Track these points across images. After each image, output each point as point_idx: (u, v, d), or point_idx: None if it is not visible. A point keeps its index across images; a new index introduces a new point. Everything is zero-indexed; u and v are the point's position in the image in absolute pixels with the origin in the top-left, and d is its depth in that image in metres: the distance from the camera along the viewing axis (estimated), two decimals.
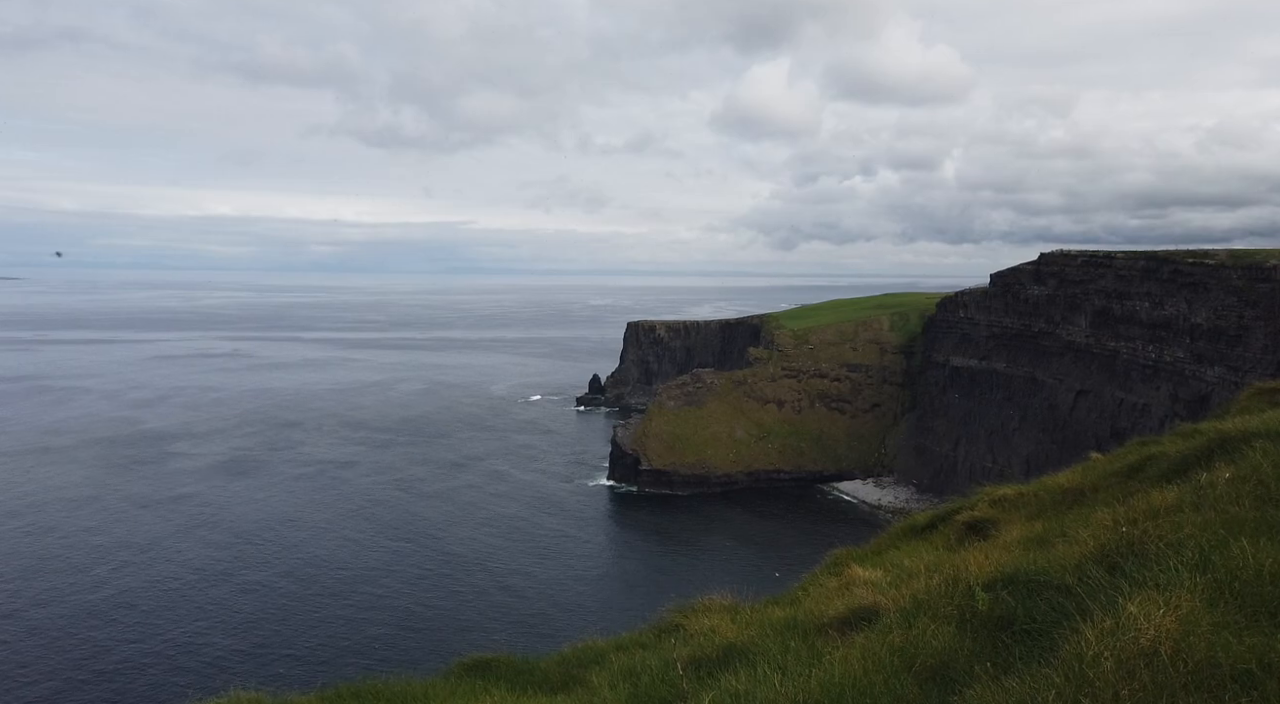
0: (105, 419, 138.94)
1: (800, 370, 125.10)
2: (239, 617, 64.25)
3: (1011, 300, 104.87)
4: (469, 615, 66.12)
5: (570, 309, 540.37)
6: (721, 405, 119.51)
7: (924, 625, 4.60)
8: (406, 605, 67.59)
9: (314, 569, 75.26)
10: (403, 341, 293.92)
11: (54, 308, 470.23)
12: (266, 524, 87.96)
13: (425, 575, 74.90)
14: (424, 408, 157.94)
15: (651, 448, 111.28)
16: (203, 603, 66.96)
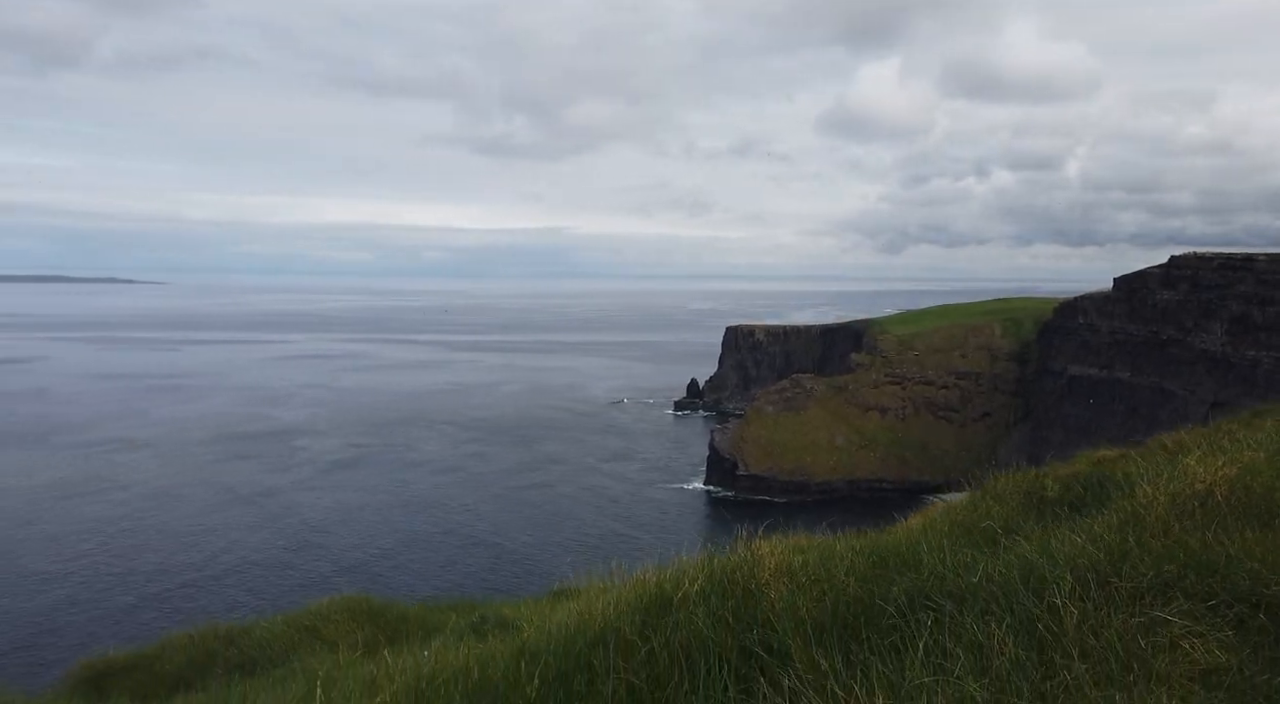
0: (237, 415, 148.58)
1: (905, 377, 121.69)
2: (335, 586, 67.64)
3: (1137, 305, 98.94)
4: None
5: (670, 313, 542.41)
6: (822, 411, 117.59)
7: (988, 505, 4.79)
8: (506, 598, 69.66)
9: (417, 553, 78.48)
10: (507, 344, 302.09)
11: (193, 310, 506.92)
12: (380, 514, 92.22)
13: (527, 568, 76.95)
14: (527, 409, 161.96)
15: (749, 453, 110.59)
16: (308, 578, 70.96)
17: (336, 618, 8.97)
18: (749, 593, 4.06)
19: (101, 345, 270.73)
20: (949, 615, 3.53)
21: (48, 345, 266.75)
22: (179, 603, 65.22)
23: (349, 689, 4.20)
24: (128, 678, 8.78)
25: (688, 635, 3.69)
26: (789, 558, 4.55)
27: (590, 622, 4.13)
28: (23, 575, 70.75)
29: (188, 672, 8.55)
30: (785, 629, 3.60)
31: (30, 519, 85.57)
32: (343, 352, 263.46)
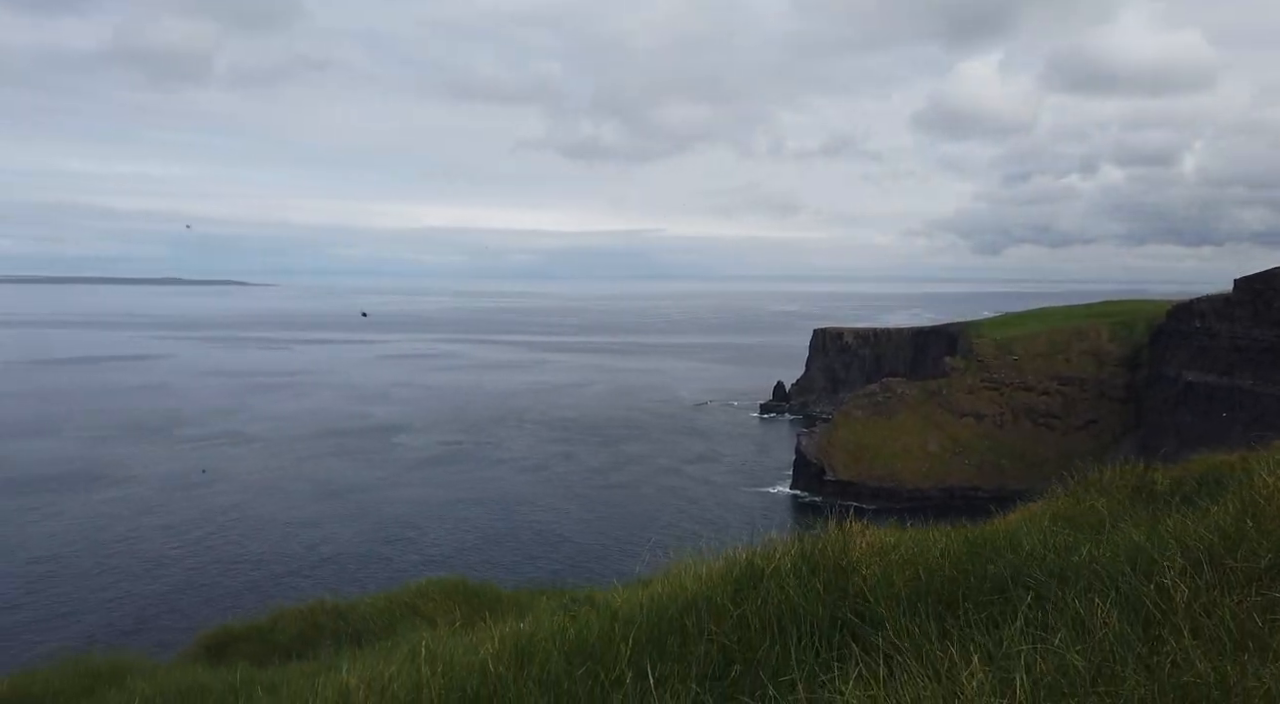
0: (337, 411, 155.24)
1: (1003, 382, 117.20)
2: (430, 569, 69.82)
3: (1262, 308, 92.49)
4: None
5: (755, 315, 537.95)
6: (913, 416, 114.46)
7: (1093, 499, 4.66)
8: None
9: (502, 547, 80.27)
10: (594, 345, 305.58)
11: (299, 311, 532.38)
12: (467, 509, 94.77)
13: (607, 565, 77.68)
14: (613, 409, 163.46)
15: (837, 458, 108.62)
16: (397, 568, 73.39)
17: (435, 596, 9.39)
18: (840, 569, 4.09)
19: (217, 344, 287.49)
20: (1051, 592, 3.49)
21: (169, 344, 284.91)
22: (281, 588, 68.60)
23: (452, 650, 4.43)
24: (245, 646, 9.40)
25: (779, 604, 3.75)
26: (880, 538, 4.55)
27: (682, 591, 4.24)
28: (143, 560, 75.78)
29: (298, 642, 9.08)
30: (878, 600, 3.63)
31: (150, 508, 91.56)
32: (436, 351, 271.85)
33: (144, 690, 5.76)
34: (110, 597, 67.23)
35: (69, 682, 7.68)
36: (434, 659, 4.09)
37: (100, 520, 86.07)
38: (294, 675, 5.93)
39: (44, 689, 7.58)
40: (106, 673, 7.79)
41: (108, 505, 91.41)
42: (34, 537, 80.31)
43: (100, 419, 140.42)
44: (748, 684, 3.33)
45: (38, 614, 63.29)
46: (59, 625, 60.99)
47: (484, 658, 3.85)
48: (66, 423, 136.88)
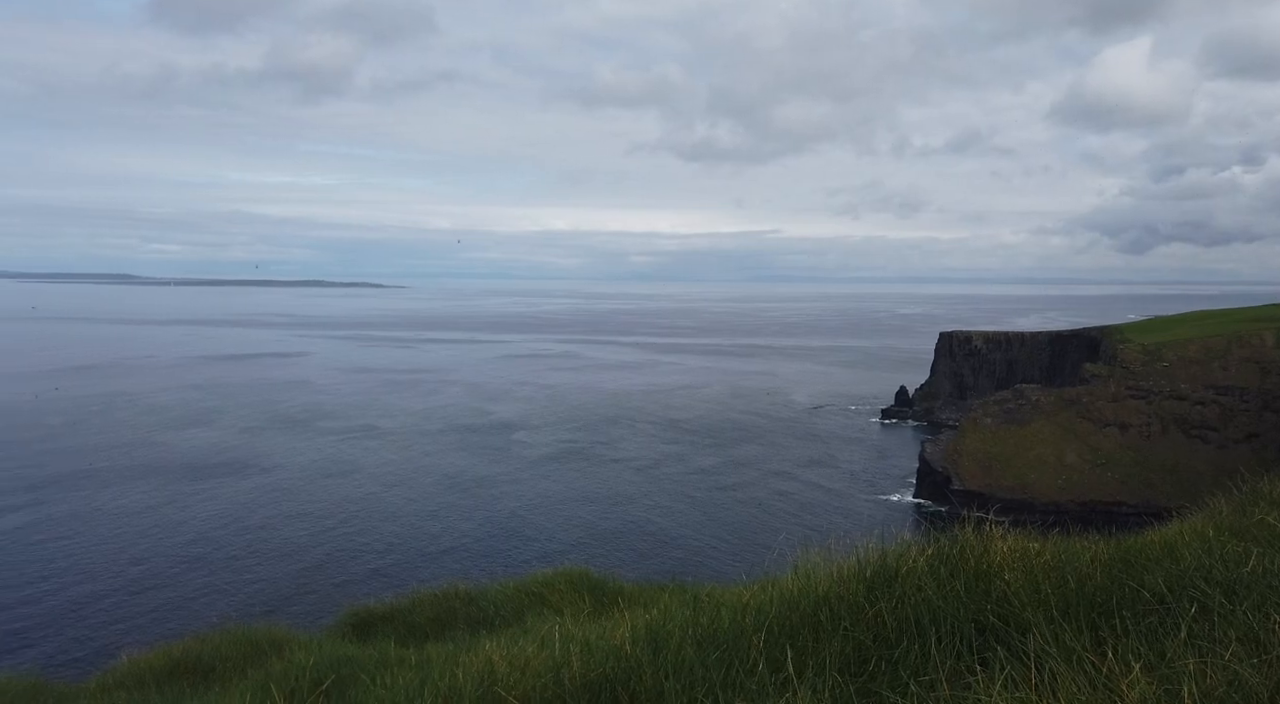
0: (464, 408, 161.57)
1: (1151, 391, 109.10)
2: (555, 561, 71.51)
3: None
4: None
5: (877, 318, 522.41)
6: (1049, 426, 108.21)
7: (1263, 512, 4.31)
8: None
9: (611, 546, 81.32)
10: (710, 347, 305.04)
11: (430, 312, 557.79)
12: (579, 507, 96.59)
13: (716, 567, 77.41)
14: (728, 412, 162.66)
15: (965, 467, 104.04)
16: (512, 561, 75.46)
17: (560, 587, 9.69)
18: (980, 573, 3.97)
19: (354, 342, 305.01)
20: (1217, 605, 3.27)
21: (311, 342, 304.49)
22: (405, 575, 72.01)
23: (587, 634, 4.58)
24: (387, 625, 9.99)
25: (917, 604, 3.68)
26: (1022, 544, 4.38)
27: (813, 588, 4.22)
28: (283, 543, 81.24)
29: (435, 624, 9.57)
30: (1024, 605, 3.50)
31: (291, 495, 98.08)
32: (555, 351, 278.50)
33: (303, 660, 6.23)
34: (254, 577, 72.56)
35: (235, 649, 8.41)
36: (570, 641, 4.24)
37: (247, 506, 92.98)
38: (437, 653, 6.27)
39: (214, 655, 8.34)
40: (267, 643, 8.49)
41: (254, 492, 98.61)
42: (191, 519, 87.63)
43: (251, 412, 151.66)
44: (887, 681, 3.29)
45: (194, 589, 69.06)
46: (213, 600, 66.31)
47: (620, 642, 3.97)
48: (223, 414, 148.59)
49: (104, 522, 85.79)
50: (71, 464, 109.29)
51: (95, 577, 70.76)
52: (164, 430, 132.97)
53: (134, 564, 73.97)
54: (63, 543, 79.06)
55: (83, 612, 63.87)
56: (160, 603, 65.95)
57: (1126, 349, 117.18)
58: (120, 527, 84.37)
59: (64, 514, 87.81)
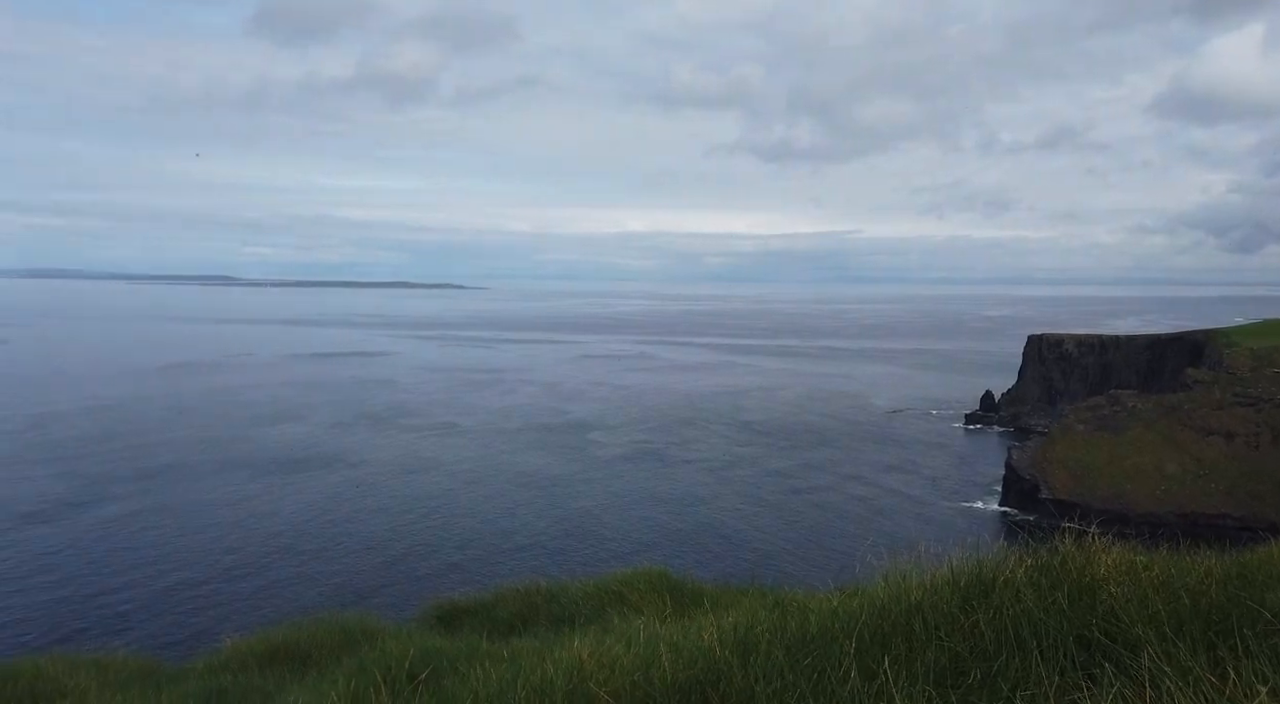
0: (541, 408, 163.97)
1: (1260, 398, 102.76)
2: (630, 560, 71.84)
3: None
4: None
5: (962, 320, 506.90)
6: (1147, 434, 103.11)
7: None
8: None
9: (681, 547, 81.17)
10: (786, 349, 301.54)
11: (509, 313, 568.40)
12: (650, 508, 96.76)
13: (785, 572, 76.42)
14: (805, 414, 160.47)
15: (1055, 475, 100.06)
16: (583, 559, 76.03)
17: (640, 586, 9.74)
18: (1084, 586, 3.81)
19: (437, 342, 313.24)
20: None
21: (397, 341, 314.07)
22: (480, 571, 73.54)
23: (673, 634, 4.60)
24: (471, 618, 10.24)
25: (1015, 615, 3.56)
26: (1128, 557, 4.18)
27: (905, 595, 4.14)
28: (364, 537, 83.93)
29: (517, 619, 9.76)
30: (1133, 621, 3.34)
31: (374, 490, 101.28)
32: (631, 352, 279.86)
33: (394, 650, 6.45)
34: (339, 567, 75.24)
35: (329, 636, 8.77)
36: (658, 641, 4.27)
37: (333, 499, 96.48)
38: (523, 648, 6.40)
39: (309, 641, 8.72)
40: (359, 631, 8.82)
41: (339, 486, 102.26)
42: (281, 510, 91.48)
43: (338, 408, 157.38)
44: (986, 694, 3.20)
45: (283, 578, 72.06)
46: (301, 589, 69.10)
47: (708, 644, 3.97)
48: (313, 411, 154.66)
49: (200, 511, 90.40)
50: (173, 456, 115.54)
51: (191, 564, 74.60)
52: (257, 425, 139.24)
53: (227, 553, 77.68)
54: (162, 531, 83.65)
55: (179, 597, 67.43)
56: (252, 590, 69.08)
57: (1233, 354, 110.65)
58: (215, 516, 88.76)
59: (164, 504, 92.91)
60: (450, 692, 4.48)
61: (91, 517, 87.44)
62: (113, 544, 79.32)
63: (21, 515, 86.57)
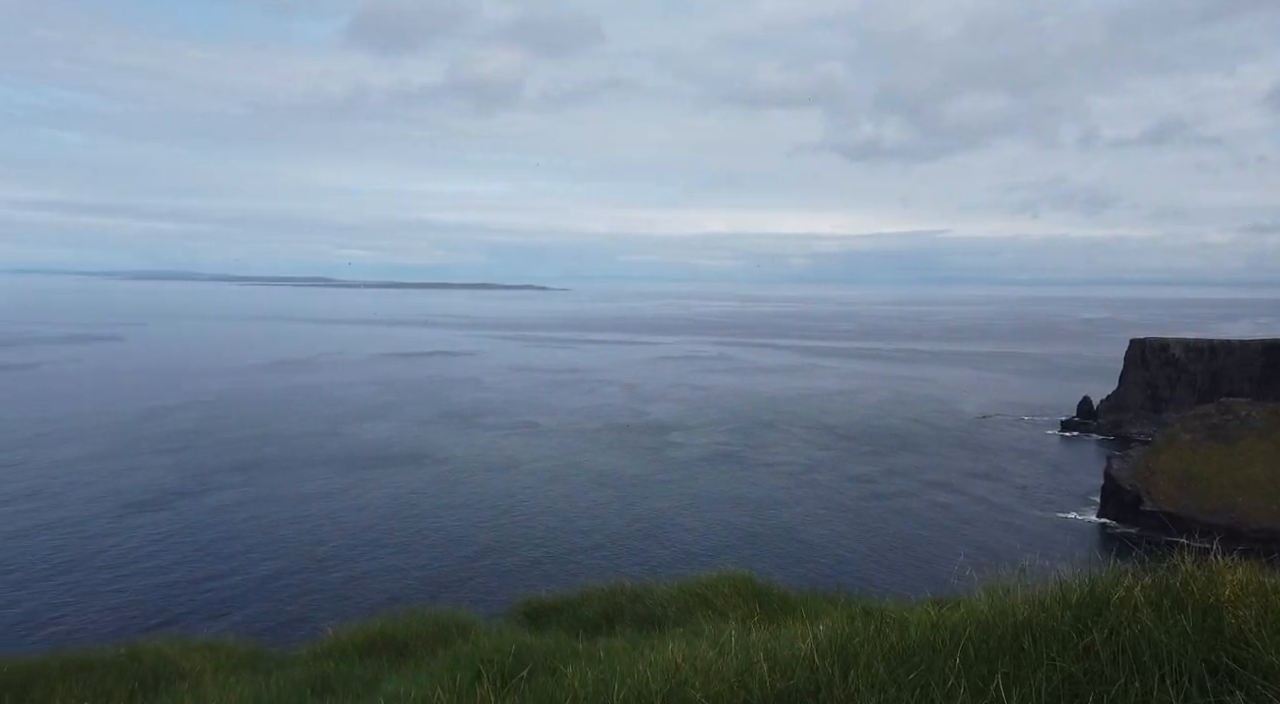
0: (620, 408, 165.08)
1: None
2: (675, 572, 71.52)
3: None
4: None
5: (1057, 322, 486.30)
6: (1262, 444, 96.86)
7: None
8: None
9: (756, 550, 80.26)
10: (870, 351, 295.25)
11: (590, 313, 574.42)
12: (725, 510, 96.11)
13: (864, 578, 74.65)
14: (888, 419, 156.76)
15: (1159, 486, 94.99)
16: (654, 560, 75.89)
17: (725, 590, 9.71)
18: (1207, 607, 3.60)
19: (520, 342, 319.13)
20: None
21: (481, 341, 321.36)
22: (559, 568, 74.50)
23: (768, 643, 4.57)
24: (557, 616, 10.41)
25: (1134, 637, 3.39)
26: (1256, 577, 3.94)
27: (1010, 610, 3.99)
28: (447, 532, 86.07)
29: (603, 619, 9.87)
30: (1266, 648, 3.14)
31: (457, 487, 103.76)
32: (711, 354, 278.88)
33: (486, 644, 6.61)
34: (423, 560, 77.41)
35: (424, 628, 9.07)
36: (752, 647, 4.24)
37: (418, 494, 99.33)
38: (613, 648, 6.46)
39: (405, 633, 9.03)
40: (453, 625, 9.08)
41: (424, 482, 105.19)
42: (368, 505, 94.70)
43: (424, 406, 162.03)
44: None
45: (369, 570, 74.56)
46: (387, 581, 71.41)
47: (807, 653, 3.93)
48: (400, 409, 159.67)
49: (294, 503, 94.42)
50: (270, 450, 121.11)
51: (285, 554, 77.98)
52: (347, 422, 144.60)
53: (318, 544, 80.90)
54: (259, 521, 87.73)
55: (274, 585, 70.57)
56: (341, 581, 71.76)
57: None
58: (307, 509, 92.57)
59: (261, 495, 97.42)
60: (547, 690, 4.56)
61: (195, 505, 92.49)
62: (214, 533, 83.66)
63: (134, 503, 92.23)
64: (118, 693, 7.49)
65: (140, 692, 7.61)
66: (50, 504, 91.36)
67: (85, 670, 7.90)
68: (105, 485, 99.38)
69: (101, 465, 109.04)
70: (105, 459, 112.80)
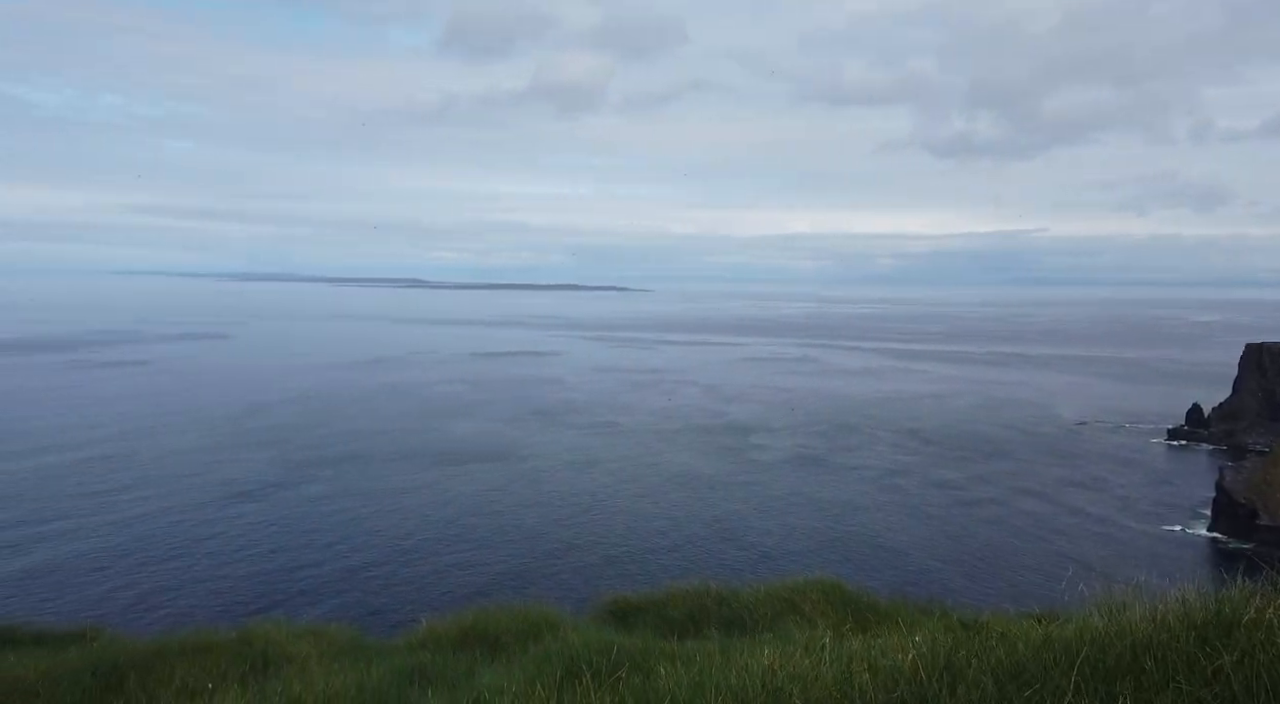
0: (700, 409, 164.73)
1: None
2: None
3: None
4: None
5: (1163, 326, 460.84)
6: None
7: None
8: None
9: (831, 555, 78.56)
10: (959, 355, 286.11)
11: (671, 314, 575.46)
12: (803, 514, 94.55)
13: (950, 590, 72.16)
14: (979, 424, 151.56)
15: (1277, 499, 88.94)
16: (728, 562, 75.08)
17: (813, 596, 9.57)
18: None
19: (602, 343, 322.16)
20: None
21: (565, 342, 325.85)
22: (638, 568, 74.78)
23: (865, 652, 4.48)
24: (642, 615, 10.47)
25: (1269, 662, 3.18)
26: None
27: (1127, 629, 3.80)
28: (527, 527, 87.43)
29: (689, 620, 9.87)
30: None
31: (536, 483, 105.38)
32: (793, 355, 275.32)
33: (575, 641, 6.70)
34: (504, 555, 78.95)
35: (513, 624, 9.27)
36: (849, 656, 4.16)
37: (499, 492, 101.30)
38: (702, 651, 6.45)
39: (496, 628, 9.25)
40: (542, 621, 9.25)
41: (506, 479, 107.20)
42: (452, 501, 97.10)
43: (508, 405, 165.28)
44: None
45: (451, 563, 76.51)
46: (467, 575, 73.13)
47: (908, 666, 3.83)
48: (486, 407, 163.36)
49: (382, 497, 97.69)
50: (361, 444, 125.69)
51: (372, 546, 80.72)
52: (436, 418, 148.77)
53: (404, 537, 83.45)
54: (349, 513, 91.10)
55: (362, 575, 73.16)
56: (426, 573, 73.87)
57: None
58: (395, 502, 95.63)
59: (352, 488, 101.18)
60: (643, 690, 4.59)
61: (292, 496, 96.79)
62: (309, 523, 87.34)
63: (236, 493, 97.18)
64: (231, 674, 7.94)
65: (251, 673, 8.04)
66: (164, 492, 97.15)
67: (203, 652, 8.40)
68: (211, 475, 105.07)
69: (208, 457, 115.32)
70: (211, 451, 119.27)
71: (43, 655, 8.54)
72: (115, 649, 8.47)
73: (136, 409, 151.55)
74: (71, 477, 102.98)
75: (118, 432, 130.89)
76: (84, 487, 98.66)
